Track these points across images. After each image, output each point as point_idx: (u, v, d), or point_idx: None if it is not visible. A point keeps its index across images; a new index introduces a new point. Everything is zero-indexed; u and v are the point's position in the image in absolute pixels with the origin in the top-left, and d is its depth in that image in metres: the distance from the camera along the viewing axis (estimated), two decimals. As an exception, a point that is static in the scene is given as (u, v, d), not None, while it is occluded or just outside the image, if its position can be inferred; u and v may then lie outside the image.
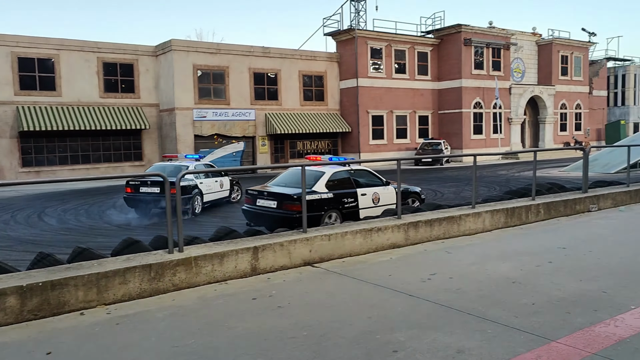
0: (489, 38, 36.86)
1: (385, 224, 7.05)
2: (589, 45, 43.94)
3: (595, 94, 46.07)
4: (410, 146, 35.73)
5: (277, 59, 31.52)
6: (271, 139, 31.61)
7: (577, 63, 42.85)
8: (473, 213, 8.04)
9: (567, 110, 42.83)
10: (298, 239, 6.15)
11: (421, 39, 36.24)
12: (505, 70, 38.14)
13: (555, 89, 41.29)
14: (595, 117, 45.96)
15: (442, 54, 36.69)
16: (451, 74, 36.24)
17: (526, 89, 39.65)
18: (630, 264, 6.08)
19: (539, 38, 41.27)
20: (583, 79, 43.59)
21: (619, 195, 10.40)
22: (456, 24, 35.44)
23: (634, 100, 48.56)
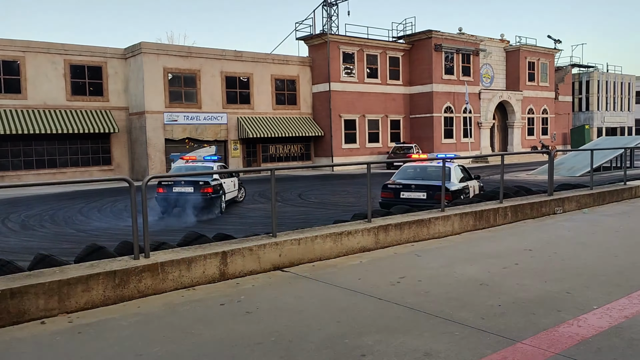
0: (459, 44, 37.46)
1: (355, 228, 7.06)
2: (554, 51, 45.07)
3: (561, 99, 47.25)
4: (382, 150, 35.99)
5: (250, 63, 31.40)
6: (243, 143, 31.44)
7: (543, 69, 43.90)
8: (442, 216, 8.12)
9: (534, 115, 43.82)
10: (267, 244, 6.11)
11: (393, 44, 36.60)
12: (474, 76, 38.81)
13: (522, 94, 42.20)
14: (561, 122, 47.12)
15: (413, 59, 37.12)
16: (422, 78, 36.69)
17: (495, 94, 40.41)
18: (593, 265, 6.22)
19: (507, 44, 42.15)
20: (549, 85, 44.68)
21: (583, 197, 10.65)
22: (427, 30, 35.92)
23: (597, 106, 49.98)
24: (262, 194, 19.38)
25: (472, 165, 34.81)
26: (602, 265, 6.17)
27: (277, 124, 31.91)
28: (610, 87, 51.27)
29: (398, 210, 8.75)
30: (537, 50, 43.10)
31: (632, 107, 54.14)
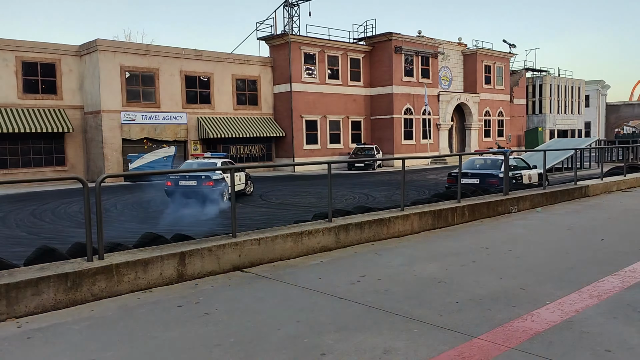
0: (418, 47, 38.06)
1: (316, 228, 7.05)
2: (509, 56, 46.38)
3: (516, 102, 48.66)
4: (343, 151, 36.18)
5: (210, 62, 31.00)
6: (204, 144, 30.99)
7: (499, 73, 45.12)
8: (402, 215, 8.21)
9: (491, 117, 44.96)
10: (227, 244, 6.03)
11: (354, 46, 36.86)
12: (433, 78, 39.51)
13: (479, 96, 43.23)
14: (515, 124, 48.51)
15: (374, 60, 37.48)
16: (383, 80, 37.09)
17: (453, 96, 41.24)
18: (546, 261, 6.42)
19: (465, 48, 43.10)
20: (505, 88, 45.94)
21: (536, 197, 10.98)
22: (387, 32, 36.33)
23: (550, 109, 51.72)
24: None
25: (431, 166, 35.46)
26: (554, 262, 6.37)
27: (238, 125, 31.63)
28: (561, 91, 53.16)
29: (359, 210, 8.80)
30: (493, 54, 44.25)
31: (581, 110, 56.29)
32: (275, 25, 34.62)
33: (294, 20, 35.91)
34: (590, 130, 60.82)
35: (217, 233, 6.96)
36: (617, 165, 17.33)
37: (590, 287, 5.25)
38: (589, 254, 6.72)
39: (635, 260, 6.25)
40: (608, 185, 13.42)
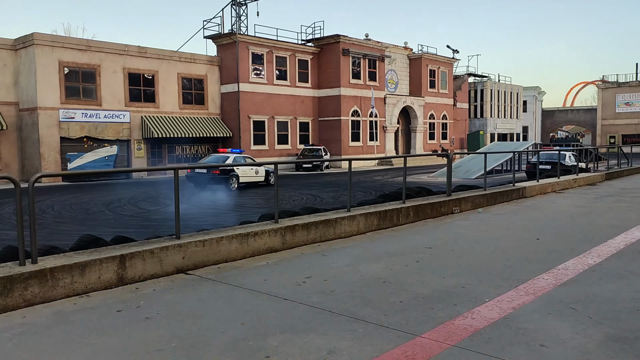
0: (366, 50, 38.57)
1: (262, 229, 6.99)
2: (453, 61, 47.80)
3: (459, 106, 50.20)
4: (291, 152, 36.16)
5: (155, 60, 30.23)
6: (148, 143, 30.18)
7: (443, 77, 46.40)
8: (348, 216, 8.28)
9: (435, 120, 46.16)
10: (170, 245, 5.88)
11: (302, 47, 36.92)
12: (380, 81, 40.15)
13: (424, 100, 44.30)
14: (458, 127, 50.05)
15: (322, 62, 37.69)
16: (330, 82, 37.35)
17: (399, 99, 42.06)
18: (486, 260, 6.63)
19: (410, 52, 44.06)
20: (448, 92, 47.30)
21: (477, 198, 11.34)
22: (335, 34, 36.62)
23: (490, 113, 53.69)
24: (167, 196, 18.71)
25: (378, 167, 36.03)
26: (493, 260, 6.59)
27: (183, 124, 30.98)
28: (501, 96, 55.29)
29: (305, 211, 8.80)
30: (438, 59, 45.46)
31: (519, 115, 58.75)
32: (223, 24, 34.21)
33: (241, 20, 35.59)
34: (527, 134, 63.55)
35: (160, 235, 6.78)
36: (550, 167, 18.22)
37: (526, 284, 5.46)
38: (525, 253, 6.99)
39: (567, 259, 6.56)
40: (543, 187, 14.04)
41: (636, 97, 61.72)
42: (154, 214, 14.76)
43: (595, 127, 65.63)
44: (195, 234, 6.59)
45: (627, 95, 62.17)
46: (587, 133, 70.72)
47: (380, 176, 27.68)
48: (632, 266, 6.16)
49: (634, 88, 61.96)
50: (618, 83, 63.44)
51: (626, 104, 62.30)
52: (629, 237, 7.84)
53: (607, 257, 6.61)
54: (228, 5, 35.61)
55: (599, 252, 6.89)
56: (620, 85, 63.10)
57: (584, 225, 9.16)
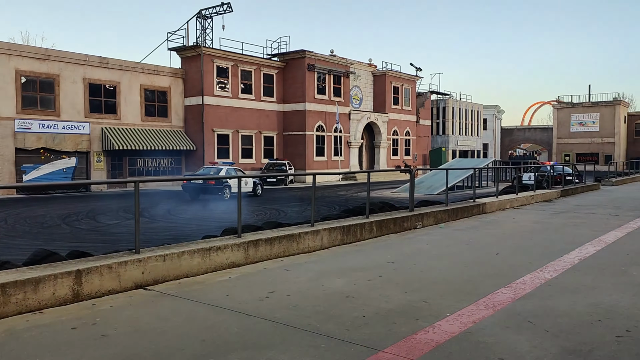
0: (331, 65, 38.96)
1: (225, 243, 6.91)
2: (416, 78, 48.79)
3: (422, 123, 51.15)
4: (255, 166, 35.99)
5: (117, 71, 29.71)
6: (108, 155, 29.51)
7: (406, 94, 47.27)
8: (312, 231, 8.27)
9: (399, 137, 46.87)
10: (129, 260, 5.73)
11: (267, 61, 37.00)
12: (345, 97, 40.56)
13: (388, 116, 44.96)
14: (421, 144, 50.94)
15: (287, 77, 37.83)
16: (296, 97, 37.49)
17: (364, 115, 42.55)
18: (447, 275, 6.73)
19: (375, 69, 44.75)
20: (411, 109, 48.17)
21: (439, 213, 11.53)
22: (300, 50, 36.87)
23: (452, 130, 54.90)
24: (127, 209, 18.29)
25: (342, 182, 36.22)
26: (454, 275, 6.69)
27: (146, 136, 30.46)
28: (462, 113, 56.66)
29: (269, 225, 8.75)
30: (401, 76, 46.31)
31: (480, 132, 60.29)
32: (188, 37, 33.98)
33: (207, 33, 35.42)
34: (487, 151, 65.22)
35: (119, 250, 6.61)
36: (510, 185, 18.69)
37: (486, 298, 5.56)
38: (485, 268, 7.13)
39: (525, 273, 6.72)
40: (502, 203, 14.40)
41: (589, 118, 64.29)
42: (114, 227, 14.38)
43: (551, 145, 67.90)
44: (155, 248, 6.45)
45: (581, 116, 64.70)
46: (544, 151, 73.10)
47: (344, 191, 27.82)
48: (585, 280, 6.36)
49: (587, 109, 64.56)
50: (572, 104, 65.97)
51: (580, 123, 64.81)
52: (583, 253, 8.10)
53: (563, 272, 6.81)
54: (193, 18, 35.42)
55: (555, 267, 7.09)
56: (574, 105, 65.63)
57: (541, 240, 9.41)
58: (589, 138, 64.05)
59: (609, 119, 62.99)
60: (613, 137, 62.62)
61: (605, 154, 62.28)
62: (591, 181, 24.09)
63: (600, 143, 63.25)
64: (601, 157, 61.69)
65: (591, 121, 64.01)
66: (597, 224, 11.46)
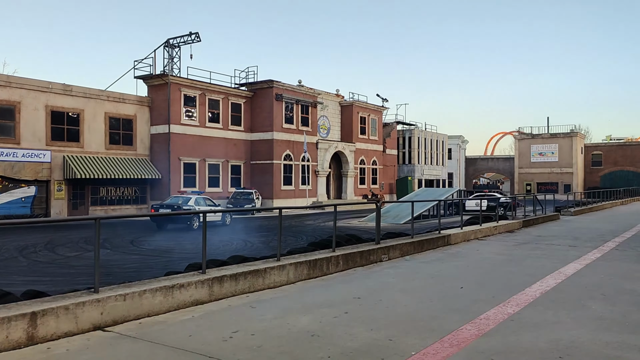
0: (299, 95, 39.33)
1: (188, 280, 6.77)
2: (382, 109, 49.67)
3: (388, 152, 51.88)
4: (222, 195, 35.65)
5: (81, 98, 29.25)
6: (69, 184, 28.77)
7: (373, 124, 48.00)
8: (278, 266, 8.20)
9: (366, 166, 47.34)
10: (87, 301, 5.54)
11: (235, 91, 37.09)
12: (313, 126, 40.87)
13: (355, 146, 45.45)
14: (388, 173, 51.55)
15: (255, 106, 37.96)
16: (263, 126, 37.58)
17: (331, 144, 42.90)
18: (413, 311, 6.74)
19: (342, 99, 45.39)
20: (378, 139, 48.86)
21: (405, 246, 11.62)
22: (268, 80, 37.15)
23: (418, 160, 55.82)
24: (89, 240, 17.78)
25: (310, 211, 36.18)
26: (420, 311, 6.71)
27: (110, 165, 29.89)
28: (428, 143, 57.78)
29: (234, 260, 8.64)
30: (368, 106, 47.08)
31: (445, 162, 61.48)
32: (155, 65, 33.83)
33: (174, 62, 35.37)
34: (452, 180, 66.42)
35: (78, 289, 6.40)
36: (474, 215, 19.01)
37: (450, 335, 5.59)
38: (450, 303, 7.18)
39: (488, 308, 6.80)
40: (467, 234, 14.62)
41: (548, 148, 66.48)
42: (74, 260, 13.94)
43: (513, 174, 69.72)
44: (116, 287, 6.27)
45: (541, 146, 66.86)
46: (506, 180, 74.94)
47: (312, 220, 27.77)
48: (546, 315, 6.47)
49: (546, 140, 66.80)
50: (532, 135, 68.18)
51: (540, 154, 66.91)
52: (544, 286, 8.26)
53: (525, 306, 6.92)
54: (161, 46, 35.36)
55: (517, 301, 7.20)
56: (534, 136, 67.83)
57: (504, 273, 9.57)
58: (549, 168, 66.08)
59: (566, 150, 65.27)
60: (571, 167, 64.80)
61: (564, 183, 64.31)
62: (551, 211, 24.75)
63: (559, 173, 65.31)
64: (560, 186, 63.65)
65: (550, 152, 66.17)
66: (557, 255, 11.74)
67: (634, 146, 67.37)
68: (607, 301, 7.20)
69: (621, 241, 14.44)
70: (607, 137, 75.28)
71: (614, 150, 67.83)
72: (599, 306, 6.91)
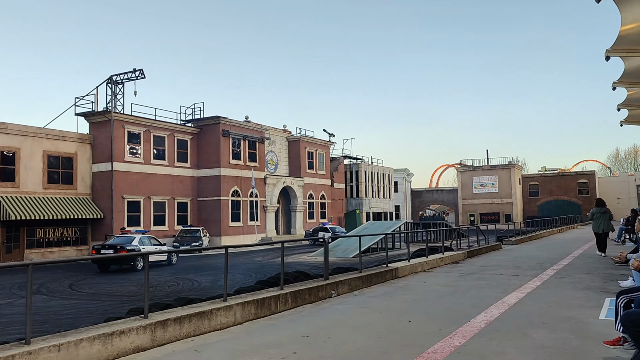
0: (246, 131, 39.34)
1: (129, 326, 6.49)
2: (329, 144, 50.36)
3: (336, 186, 52.40)
4: (168, 233, 34.77)
5: (17, 137, 28.13)
6: (3, 226, 27.32)
7: (320, 159, 48.50)
8: (224, 306, 8.00)
9: (314, 200, 47.53)
10: (17, 354, 5.19)
11: (181, 127, 36.71)
12: (260, 162, 40.85)
13: (303, 180, 45.66)
14: (336, 207, 51.92)
15: (202, 142, 37.64)
16: (210, 162, 37.23)
17: (279, 179, 42.93)
18: (362, 347, 6.71)
19: (289, 135, 45.76)
20: (326, 173, 49.34)
21: (353, 280, 11.63)
22: (215, 116, 37.04)
23: (365, 193, 56.61)
24: (22, 286, 16.81)
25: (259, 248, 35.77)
26: (368, 347, 6.69)
27: (48, 205, 28.63)
28: (374, 177, 58.81)
29: (179, 302, 8.37)
30: (315, 141, 47.63)
31: (391, 195, 62.64)
32: (97, 102, 33.14)
33: (117, 98, 34.73)
34: (399, 212, 67.61)
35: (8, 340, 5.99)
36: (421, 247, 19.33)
37: (399, 371, 5.58)
38: (398, 337, 7.20)
39: (436, 341, 6.86)
40: (414, 267, 14.81)
41: (488, 180, 69.13)
42: (5, 308, 13.11)
43: (457, 206, 71.79)
44: (50, 337, 5.91)
45: (482, 178, 69.43)
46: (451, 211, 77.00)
47: (261, 257, 27.44)
48: (491, 346, 6.60)
49: (487, 172, 69.48)
50: (473, 167, 70.78)
51: (481, 185, 69.40)
52: (489, 316, 8.44)
53: (471, 338, 7.03)
54: (103, 83, 34.70)
55: (463, 333, 7.30)
56: (475, 169, 70.42)
57: (450, 305, 9.72)
58: (490, 199, 68.53)
59: (506, 181, 68.05)
60: (511, 198, 67.45)
61: (505, 213, 66.73)
62: (494, 241, 25.51)
63: (500, 203, 67.81)
64: (502, 216, 66.00)
65: (491, 183, 68.78)
66: (501, 285, 12.07)
67: (567, 176, 71.08)
68: (547, 329, 7.42)
69: (559, 269, 15.02)
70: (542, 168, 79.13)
71: (549, 180, 71.29)
72: (540, 335, 7.11)
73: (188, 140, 36.95)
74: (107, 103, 34.51)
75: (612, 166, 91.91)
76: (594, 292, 10.61)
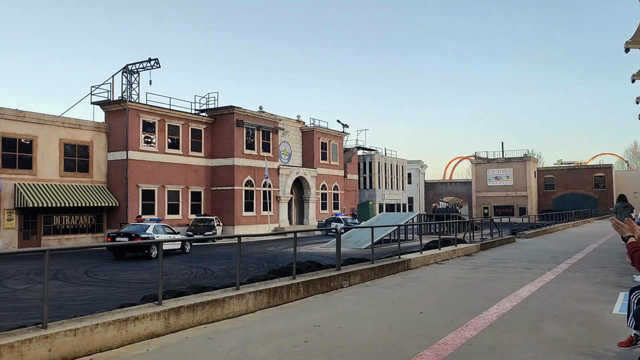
0: (260, 121, 39.40)
1: (143, 312, 6.58)
2: (343, 135, 50.24)
3: (349, 177, 52.33)
4: (182, 222, 35.05)
5: (34, 125, 28.45)
6: (21, 213, 27.73)
7: (334, 150, 48.43)
8: (237, 295, 8.07)
9: (327, 191, 47.55)
10: (35, 337, 5.31)
11: (195, 117, 36.86)
12: (274, 152, 40.91)
13: (317, 171, 45.67)
14: (349, 198, 51.89)
15: (216, 132, 37.77)
16: (224, 152, 37.37)
17: (292, 170, 42.98)
18: (373, 337, 6.74)
19: (303, 125, 45.72)
20: (339, 164, 49.28)
21: (365, 271, 11.65)
22: (229, 106, 37.11)
23: (378, 184, 56.48)
24: (39, 272, 17.09)
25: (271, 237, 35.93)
26: (379, 337, 6.71)
27: (64, 193, 29.00)
28: (388, 168, 58.63)
29: (192, 290, 8.46)
30: (329, 132, 47.54)
31: (405, 186, 62.42)
32: (113, 91, 33.33)
33: (133, 88, 34.94)
34: (413, 204, 67.38)
35: (25, 324, 6.12)
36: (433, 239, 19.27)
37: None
38: (409, 328, 7.22)
39: (447, 332, 6.86)
40: (426, 259, 14.79)
41: (503, 172, 68.52)
42: (23, 293, 13.35)
43: (471, 198, 71.33)
44: (66, 322, 6.03)
45: (496, 171, 68.84)
46: (465, 204, 76.54)
47: (273, 247, 27.56)
48: (502, 338, 6.58)
49: (502, 164, 68.86)
50: (488, 159, 70.18)
51: (495, 178, 68.83)
52: (500, 309, 8.42)
53: (482, 330, 7.02)
54: (119, 72, 34.92)
55: (474, 325, 7.29)
56: (490, 161, 69.82)
57: (462, 297, 9.70)
58: (505, 191, 67.96)
59: (521, 174, 67.38)
60: (526, 191, 66.83)
61: (519, 206, 66.17)
62: (507, 234, 25.35)
63: (515, 196, 67.23)
64: (516, 209, 65.46)
65: (505, 175, 68.17)
66: (513, 278, 12.00)
67: (583, 170, 70.21)
68: (560, 323, 7.38)
69: (573, 262, 14.90)
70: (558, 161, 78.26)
71: (565, 174, 70.48)
72: (552, 328, 7.07)
73: (202, 130, 37.12)
74: (123, 92, 34.77)
75: (629, 160, 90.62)
76: (609, 286, 10.52)
